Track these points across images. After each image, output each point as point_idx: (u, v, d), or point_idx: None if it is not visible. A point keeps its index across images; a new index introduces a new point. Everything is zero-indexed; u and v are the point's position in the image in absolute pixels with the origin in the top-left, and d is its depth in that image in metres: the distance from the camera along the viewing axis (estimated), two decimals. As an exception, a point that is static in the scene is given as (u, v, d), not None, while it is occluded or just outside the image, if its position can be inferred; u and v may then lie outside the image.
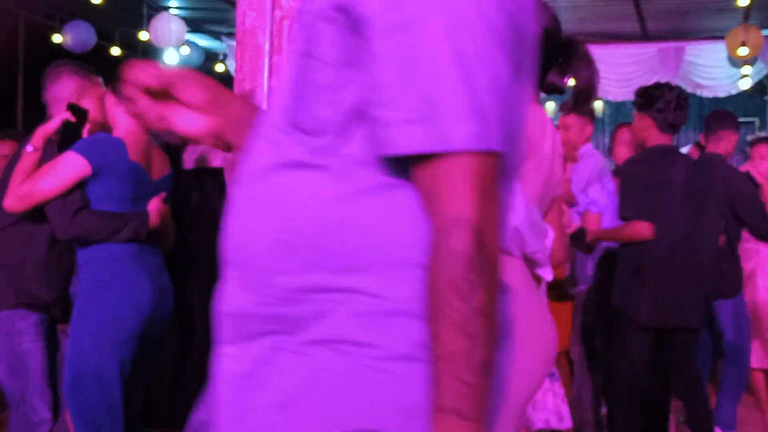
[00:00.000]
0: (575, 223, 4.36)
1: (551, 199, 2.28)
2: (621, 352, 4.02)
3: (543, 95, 2.31)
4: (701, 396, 4.13)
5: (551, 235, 2.17)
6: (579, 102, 2.27)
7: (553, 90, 2.27)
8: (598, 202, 4.40)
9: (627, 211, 3.98)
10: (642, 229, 3.93)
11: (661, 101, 4.02)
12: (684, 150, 5.49)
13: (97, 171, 3.03)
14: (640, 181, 3.98)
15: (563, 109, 4.86)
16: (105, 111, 3.20)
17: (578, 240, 4.12)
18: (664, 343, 4.04)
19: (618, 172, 4.15)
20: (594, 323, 4.59)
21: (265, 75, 2.44)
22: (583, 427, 4.88)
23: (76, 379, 2.98)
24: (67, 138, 3.08)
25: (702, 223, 4.26)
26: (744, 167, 5.07)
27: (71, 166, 3.01)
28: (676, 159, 4.10)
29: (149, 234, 3.10)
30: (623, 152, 4.64)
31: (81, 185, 3.04)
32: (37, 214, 3.08)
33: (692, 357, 4.14)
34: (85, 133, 3.15)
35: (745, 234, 4.91)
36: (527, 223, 2.08)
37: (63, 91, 3.30)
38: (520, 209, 2.05)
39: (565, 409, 4.38)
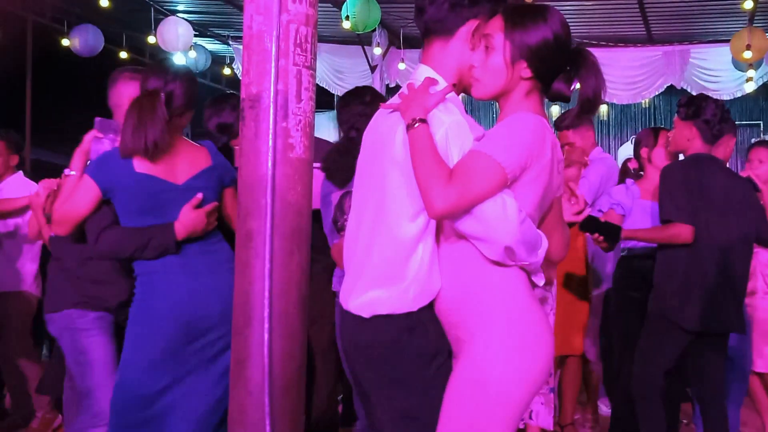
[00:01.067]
0: (608, 215, 4.33)
1: (551, 201, 2.31)
2: (654, 354, 4.03)
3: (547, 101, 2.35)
4: (723, 401, 4.13)
5: (545, 245, 2.22)
6: (585, 110, 2.31)
7: (559, 98, 2.30)
8: (624, 204, 4.41)
9: (670, 212, 3.95)
10: (685, 231, 3.91)
11: (708, 112, 4.02)
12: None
13: (108, 190, 3.05)
14: (681, 186, 3.97)
15: (556, 125, 4.91)
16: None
17: (612, 236, 4.07)
18: (698, 347, 4.05)
19: (661, 175, 4.13)
20: (613, 324, 4.59)
21: (272, 79, 2.47)
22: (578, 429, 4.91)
23: (116, 386, 3.07)
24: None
25: (739, 230, 4.26)
26: (744, 172, 5.07)
27: (85, 190, 3.06)
28: (716, 168, 4.10)
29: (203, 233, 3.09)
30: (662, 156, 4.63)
31: (109, 202, 3.08)
32: None
33: (723, 361, 4.16)
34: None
35: None
36: (520, 242, 2.13)
37: (121, 97, 3.32)
38: (514, 228, 2.11)
39: (544, 410, 4.42)
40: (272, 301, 2.43)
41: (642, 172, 4.65)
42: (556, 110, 10.02)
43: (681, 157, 4.33)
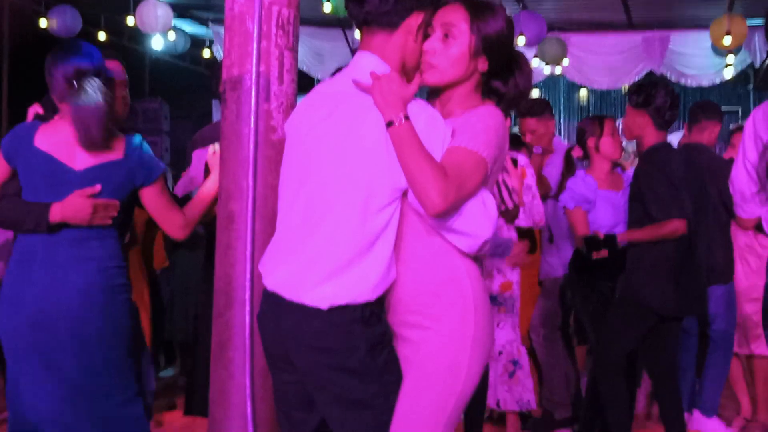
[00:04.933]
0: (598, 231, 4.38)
1: None
2: (620, 336, 4.10)
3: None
4: (677, 377, 4.25)
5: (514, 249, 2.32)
6: (511, 105, 2.42)
7: (495, 93, 2.37)
8: (587, 197, 4.44)
9: (658, 211, 4.02)
10: (681, 226, 3.99)
11: (658, 99, 4.08)
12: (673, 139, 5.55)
13: (10, 160, 2.98)
14: (659, 183, 4.03)
15: (520, 113, 4.97)
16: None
17: (611, 247, 4.17)
18: (656, 327, 4.13)
19: (638, 174, 4.18)
20: (582, 309, 4.64)
21: (254, 60, 2.46)
22: (555, 408, 4.95)
23: None
24: None
25: (706, 214, 4.33)
26: (727, 155, 5.12)
27: None
28: (674, 155, 4.16)
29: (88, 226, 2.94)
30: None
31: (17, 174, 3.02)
32: None
33: (677, 339, 4.31)
34: None
35: None
36: (492, 244, 2.24)
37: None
38: (493, 222, 2.19)
39: (530, 396, 4.48)
40: (253, 283, 2.43)
41: (586, 161, 4.65)
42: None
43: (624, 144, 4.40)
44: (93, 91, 2.84)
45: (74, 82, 2.86)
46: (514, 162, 4.38)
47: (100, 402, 2.93)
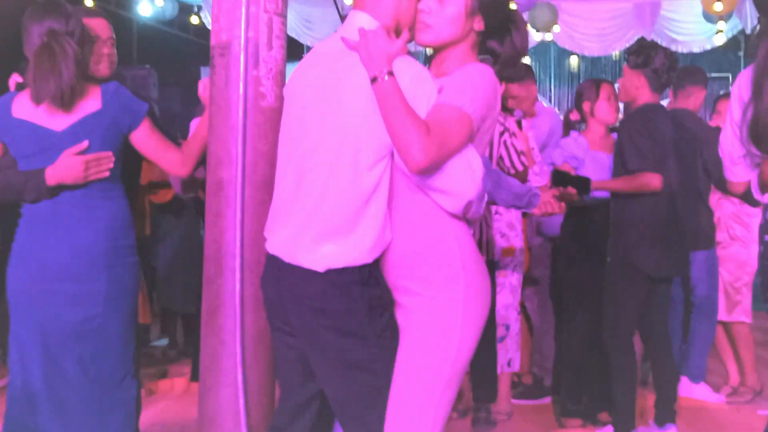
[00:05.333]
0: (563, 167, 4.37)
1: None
2: (624, 302, 4.11)
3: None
4: (670, 341, 4.28)
5: (485, 197, 2.27)
6: (507, 65, 2.39)
7: (491, 53, 2.36)
8: (576, 156, 4.44)
9: (635, 162, 4.03)
10: (654, 180, 3.99)
11: (657, 61, 4.08)
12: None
13: None
14: (644, 135, 4.04)
15: (501, 78, 4.95)
16: None
17: (583, 188, 4.13)
18: (652, 293, 4.15)
19: (617, 128, 4.18)
20: (565, 276, 4.66)
21: (243, 26, 2.44)
22: (546, 375, 5.00)
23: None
24: None
25: (691, 179, 4.36)
26: (713, 122, 5.12)
27: None
28: (662, 115, 4.17)
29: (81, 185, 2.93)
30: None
31: None
32: None
33: (669, 303, 4.35)
34: None
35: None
36: (479, 196, 2.19)
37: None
38: (478, 182, 2.16)
39: (513, 355, 4.53)
40: (243, 250, 2.43)
41: (584, 125, 4.65)
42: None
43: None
44: (59, 50, 2.80)
45: (44, 39, 2.83)
46: (519, 124, 4.37)
47: (97, 380, 2.93)
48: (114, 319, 2.93)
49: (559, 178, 4.07)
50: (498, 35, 2.34)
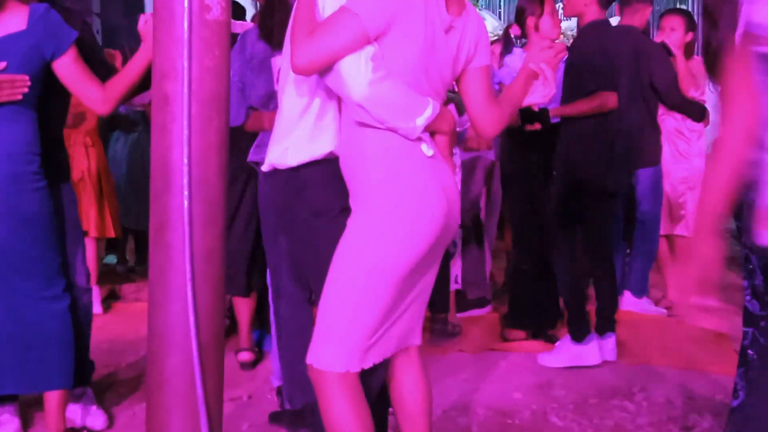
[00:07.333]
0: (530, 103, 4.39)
1: (460, 67, 2.36)
2: (600, 222, 4.22)
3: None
4: (613, 258, 4.38)
5: (428, 113, 2.20)
6: None
7: None
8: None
9: (593, 83, 4.06)
10: (611, 99, 4.03)
11: None
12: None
13: None
14: (596, 55, 4.05)
15: None
16: None
17: (543, 121, 4.19)
18: (595, 208, 4.23)
19: (575, 46, 4.17)
20: (511, 191, 4.73)
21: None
22: (469, 288, 5.11)
23: None
24: None
25: (638, 96, 4.40)
26: (657, 38, 5.15)
27: None
28: (612, 31, 4.18)
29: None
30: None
31: None
32: None
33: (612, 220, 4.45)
34: None
35: None
36: (375, 102, 2.17)
37: None
38: (362, 85, 2.16)
39: (458, 272, 4.65)
40: (191, 167, 2.41)
41: (524, 39, 4.63)
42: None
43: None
44: None
45: None
46: None
47: (13, 297, 2.92)
48: (22, 249, 2.91)
49: (526, 117, 4.17)
50: None
